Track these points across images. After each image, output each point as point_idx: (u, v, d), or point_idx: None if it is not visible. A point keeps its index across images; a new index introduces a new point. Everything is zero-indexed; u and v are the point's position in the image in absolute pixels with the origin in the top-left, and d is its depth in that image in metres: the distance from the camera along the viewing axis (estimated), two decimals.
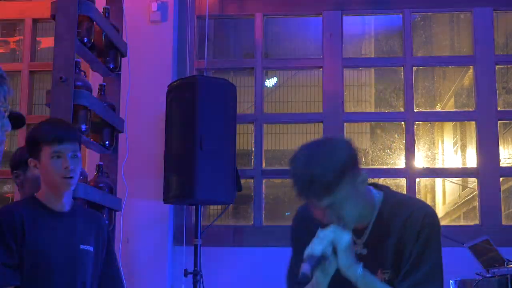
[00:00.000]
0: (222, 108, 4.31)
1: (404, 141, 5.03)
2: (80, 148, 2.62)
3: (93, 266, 2.62)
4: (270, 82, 6.23)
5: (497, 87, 5.04)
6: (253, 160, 5.06)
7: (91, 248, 2.62)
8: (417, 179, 5.02)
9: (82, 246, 2.59)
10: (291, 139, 6.84)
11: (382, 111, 5.68)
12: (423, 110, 5.25)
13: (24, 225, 2.44)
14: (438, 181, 7.38)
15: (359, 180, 2.00)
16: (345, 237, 1.97)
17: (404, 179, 4.99)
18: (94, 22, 3.66)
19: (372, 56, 5.96)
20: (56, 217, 2.54)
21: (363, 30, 6.03)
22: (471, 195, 6.12)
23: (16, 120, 2.33)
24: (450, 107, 6.12)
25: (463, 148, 6.39)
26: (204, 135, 4.15)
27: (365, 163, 5.99)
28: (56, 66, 3.38)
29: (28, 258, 2.43)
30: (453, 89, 6.08)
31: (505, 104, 5.34)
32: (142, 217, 4.70)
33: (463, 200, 7.20)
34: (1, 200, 5.62)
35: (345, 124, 5.07)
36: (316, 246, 1.97)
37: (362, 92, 6.79)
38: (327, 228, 2.00)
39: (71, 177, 2.52)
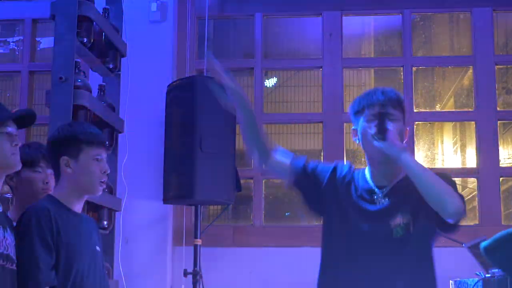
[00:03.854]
0: (221, 108, 4.29)
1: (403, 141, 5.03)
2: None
3: (102, 267, 2.63)
4: (270, 82, 6.23)
5: (496, 87, 5.04)
6: (252, 160, 5.06)
7: (100, 250, 2.63)
8: None
9: (97, 247, 2.59)
10: (290, 139, 6.84)
11: None
12: (423, 110, 5.25)
13: (58, 224, 2.41)
14: None
15: (406, 126, 2.53)
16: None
17: None
18: (94, 22, 3.67)
19: (372, 56, 5.95)
20: (76, 217, 2.54)
21: (363, 30, 6.02)
22: (471, 195, 6.11)
23: (25, 118, 2.35)
24: (449, 107, 6.11)
25: (463, 148, 6.39)
26: (204, 135, 4.16)
27: (364, 164, 5.98)
28: (56, 66, 3.38)
29: (63, 257, 2.39)
30: (453, 89, 6.07)
31: (505, 104, 5.34)
32: (142, 217, 4.70)
33: None
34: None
35: (345, 124, 5.07)
36: None
37: (362, 92, 6.78)
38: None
39: (105, 182, 2.55)
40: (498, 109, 4.99)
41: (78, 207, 2.56)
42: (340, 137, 5.02)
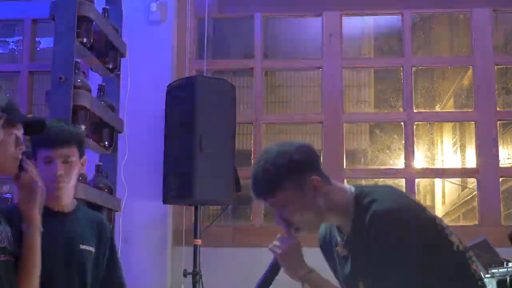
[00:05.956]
0: (221, 109, 4.31)
1: (403, 142, 5.03)
2: (79, 151, 2.59)
3: (94, 266, 2.61)
4: (270, 82, 6.24)
5: (496, 88, 5.04)
6: (252, 161, 5.06)
7: (91, 249, 2.60)
8: (417, 180, 5.02)
9: (82, 246, 2.57)
10: (290, 139, 6.84)
11: (382, 111, 5.69)
12: (423, 110, 5.26)
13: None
14: (438, 181, 7.38)
15: (307, 185, 2.00)
16: (283, 243, 2.11)
17: (403, 179, 4.99)
18: (94, 23, 3.66)
19: (372, 56, 5.96)
20: (56, 217, 2.54)
21: (363, 30, 6.03)
22: (471, 196, 6.12)
23: (35, 126, 2.33)
24: (449, 107, 6.12)
25: (463, 148, 6.40)
26: (204, 135, 4.16)
27: (364, 163, 5.99)
28: (56, 66, 3.38)
29: None
30: (453, 89, 6.08)
31: (505, 105, 5.35)
32: (142, 218, 4.70)
33: (463, 201, 7.20)
34: (1, 200, 5.61)
35: (344, 124, 5.07)
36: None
37: (362, 92, 6.79)
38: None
39: (59, 182, 2.50)
40: (497, 109, 4.99)
41: (58, 206, 2.55)
42: (340, 137, 5.02)
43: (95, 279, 2.62)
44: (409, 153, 4.96)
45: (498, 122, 5.01)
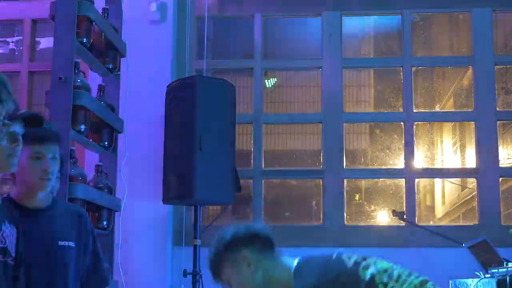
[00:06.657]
0: (221, 109, 4.31)
1: (403, 142, 5.04)
2: (59, 149, 2.58)
3: (75, 261, 2.57)
4: (270, 82, 6.23)
5: (496, 88, 5.04)
6: (252, 161, 5.06)
7: (72, 244, 2.55)
8: (416, 180, 5.02)
9: (60, 242, 2.52)
10: (290, 140, 6.84)
11: (381, 111, 5.69)
12: (422, 110, 5.26)
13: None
14: (438, 181, 7.37)
15: (241, 262, 2.15)
16: None
17: (403, 179, 4.99)
18: (93, 23, 3.66)
19: (371, 56, 5.96)
20: (31, 215, 2.49)
21: (362, 30, 6.03)
22: (471, 195, 6.12)
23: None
24: (449, 107, 6.12)
25: (462, 148, 6.39)
26: (203, 135, 4.16)
27: (364, 164, 5.99)
28: (55, 66, 3.38)
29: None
30: (452, 89, 6.07)
31: (504, 105, 5.34)
32: (142, 218, 4.70)
33: (462, 201, 7.19)
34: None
35: (344, 124, 5.07)
36: None
37: (361, 92, 6.79)
38: None
39: (49, 179, 2.49)
40: (497, 109, 4.99)
41: (34, 204, 2.51)
42: (340, 137, 5.03)
43: (78, 273, 2.58)
44: (409, 153, 4.97)
45: (498, 122, 5.01)
